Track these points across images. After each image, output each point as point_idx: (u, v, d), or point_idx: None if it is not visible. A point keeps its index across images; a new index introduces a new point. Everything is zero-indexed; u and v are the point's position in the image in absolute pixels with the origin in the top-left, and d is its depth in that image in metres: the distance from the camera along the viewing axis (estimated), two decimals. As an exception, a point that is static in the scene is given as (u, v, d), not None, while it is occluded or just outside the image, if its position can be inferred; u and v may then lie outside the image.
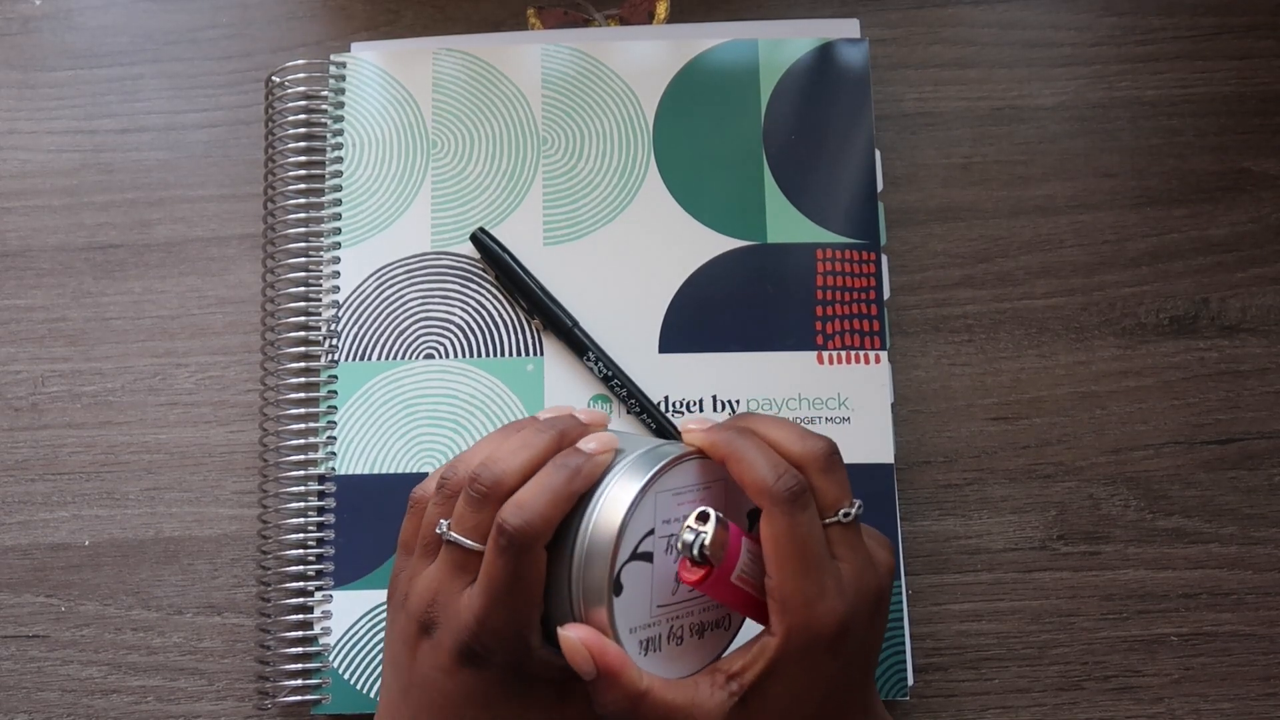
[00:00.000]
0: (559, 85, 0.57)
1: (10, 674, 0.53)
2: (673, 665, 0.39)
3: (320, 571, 0.52)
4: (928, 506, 0.54)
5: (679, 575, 0.37)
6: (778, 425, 0.40)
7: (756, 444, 0.38)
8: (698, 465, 0.39)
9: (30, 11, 0.61)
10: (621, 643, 0.37)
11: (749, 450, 0.38)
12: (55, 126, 0.60)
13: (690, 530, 0.36)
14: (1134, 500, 0.54)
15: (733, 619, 0.41)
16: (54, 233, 0.58)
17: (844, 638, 0.37)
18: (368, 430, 0.53)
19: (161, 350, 0.57)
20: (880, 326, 0.54)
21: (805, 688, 0.37)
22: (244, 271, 0.57)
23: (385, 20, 0.60)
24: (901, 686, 0.51)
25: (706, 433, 0.39)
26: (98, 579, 0.54)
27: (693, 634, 0.40)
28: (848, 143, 0.56)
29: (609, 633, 0.36)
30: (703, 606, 0.40)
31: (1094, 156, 0.58)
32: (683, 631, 0.39)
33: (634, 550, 0.37)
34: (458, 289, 0.55)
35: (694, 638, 0.40)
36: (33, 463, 0.56)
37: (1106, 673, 0.52)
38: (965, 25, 0.60)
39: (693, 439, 0.39)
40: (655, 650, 0.38)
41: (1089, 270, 0.56)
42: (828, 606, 0.37)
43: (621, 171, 0.56)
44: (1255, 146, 0.58)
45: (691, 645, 0.40)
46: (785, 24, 0.58)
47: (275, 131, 0.57)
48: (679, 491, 0.38)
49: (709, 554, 0.36)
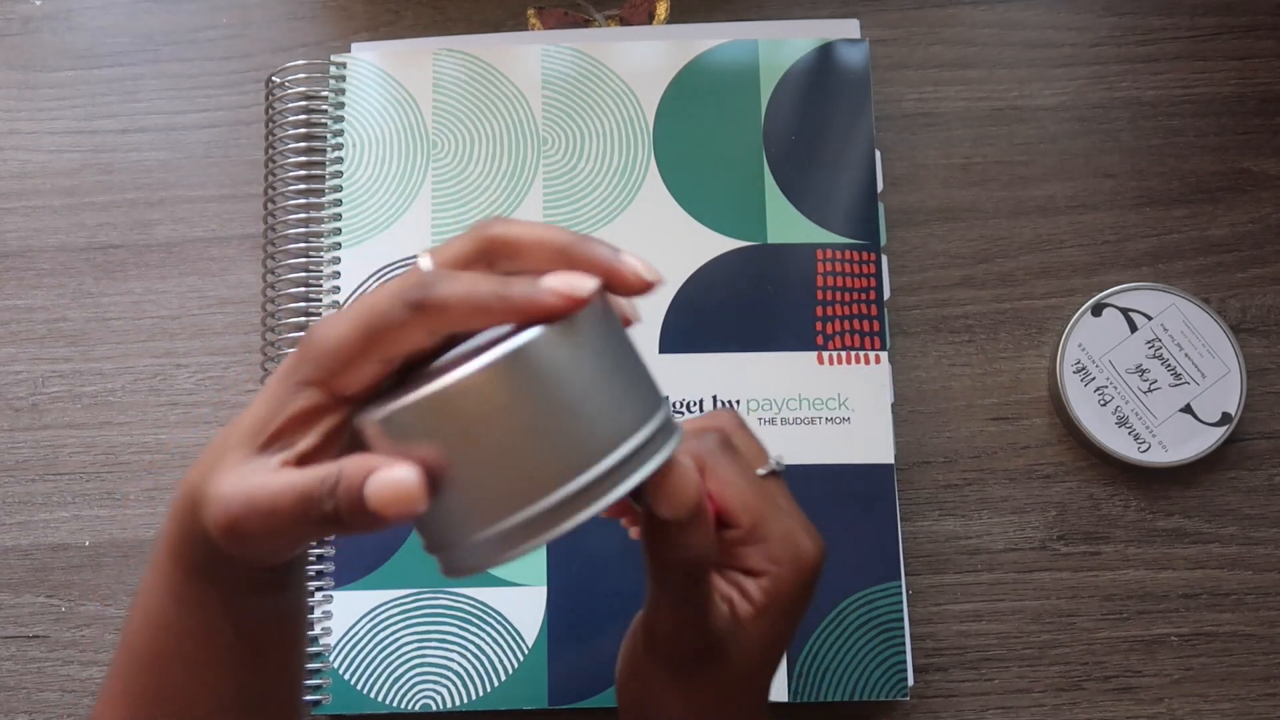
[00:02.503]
0: (559, 85, 0.57)
1: (11, 674, 0.53)
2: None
3: (320, 572, 0.52)
4: (928, 507, 0.54)
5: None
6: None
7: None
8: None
9: (30, 11, 0.61)
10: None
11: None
12: (55, 127, 0.60)
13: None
14: (1134, 500, 0.54)
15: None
16: (54, 233, 0.58)
17: (818, 573, 0.39)
18: (368, 430, 0.53)
19: (162, 350, 0.57)
20: (880, 327, 0.54)
21: (783, 629, 0.38)
22: (244, 272, 0.57)
23: (385, 21, 0.60)
24: (901, 686, 0.51)
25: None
26: (98, 579, 0.54)
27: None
28: (848, 143, 0.56)
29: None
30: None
31: (1094, 157, 0.58)
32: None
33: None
34: (458, 289, 0.55)
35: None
36: (33, 463, 0.56)
37: (1107, 673, 0.52)
38: (965, 25, 0.60)
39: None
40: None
41: (1089, 270, 0.56)
42: (810, 540, 0.38)
43: (621, 172, 0.56)
44: (1255, 146, 0.58)
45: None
46: (785, 24, 0.58)
47: (275, 132, 0.57)
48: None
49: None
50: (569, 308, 0.29)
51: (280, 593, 0.37)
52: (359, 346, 0.30)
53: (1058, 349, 0.54)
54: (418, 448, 0.30)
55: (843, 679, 0.51)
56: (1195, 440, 0.53)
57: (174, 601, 0.36)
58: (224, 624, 0.36)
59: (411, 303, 0.30)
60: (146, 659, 0.37)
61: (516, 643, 0.51)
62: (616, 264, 0.31)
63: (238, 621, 0.36)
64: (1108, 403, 0.54)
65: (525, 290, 0.29)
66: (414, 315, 0.30)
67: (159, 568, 0.36)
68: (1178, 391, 0.54)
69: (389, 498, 0.29)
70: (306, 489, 0.30)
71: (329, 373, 0.31)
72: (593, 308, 0.30)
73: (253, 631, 0.37)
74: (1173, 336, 0.54)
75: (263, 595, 0.36)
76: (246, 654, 0.37)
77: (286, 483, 0.30)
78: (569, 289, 0.29)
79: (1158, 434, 0.53)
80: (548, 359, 0.29)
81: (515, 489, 0.29)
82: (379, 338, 0.30)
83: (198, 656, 0.36)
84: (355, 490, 0.29)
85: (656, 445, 0.31)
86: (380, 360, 0.31)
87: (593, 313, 0.30)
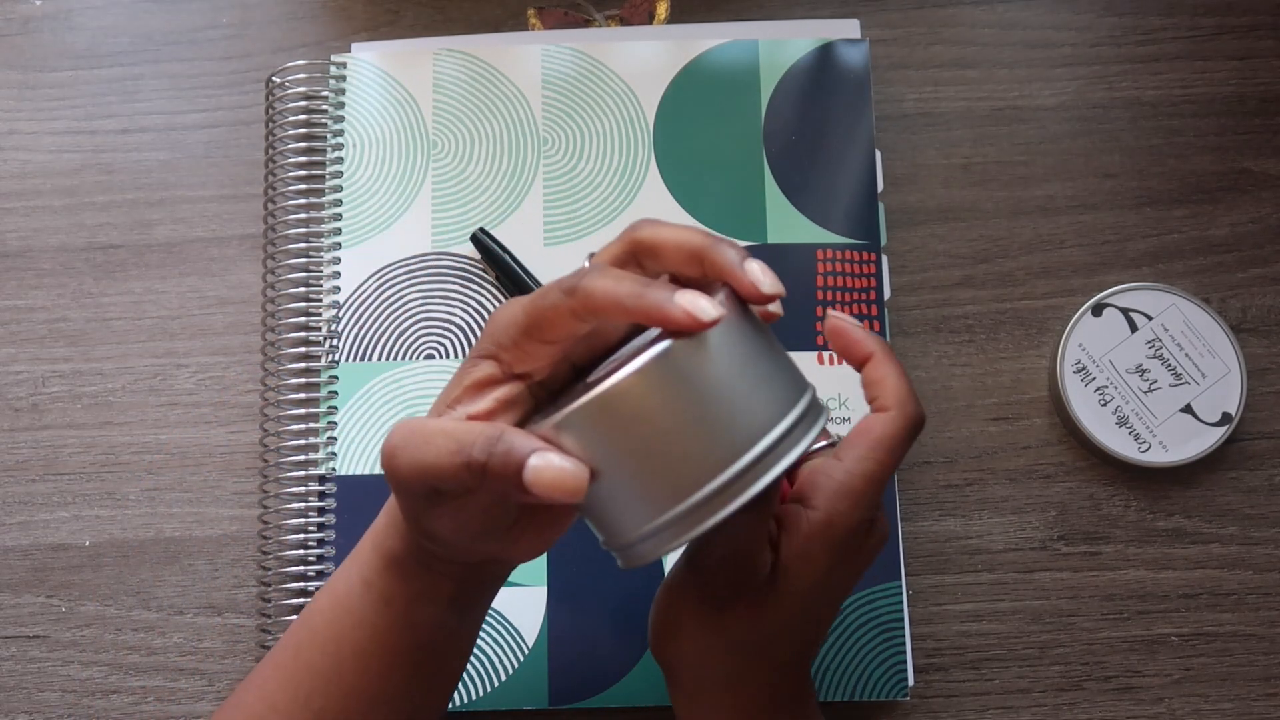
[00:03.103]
0: (559, 85, 0.57)
1: (11, 674, 0.53)
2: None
3: (320, 572, 0.52)
4: (928, 507, 0.54)
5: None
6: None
7: (903, 367, 0.40)
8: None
9: (30, 12, 0.61)
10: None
11: (899, 363, 0.39)
12: (55, 127, 0.60)
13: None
14: (1134, 500, 0.54)
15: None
16: (54, 233, 0.58)
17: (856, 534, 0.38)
18: (368, 431, 0.53)
19: (162, 350, 0.57)
20: (881, 327, 0.54)
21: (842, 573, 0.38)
22: (244, 272, 0.57)
23: (385, 21, 0.60)
24: (901, 686, 0.51)
25: (864, 332, 0.40)
26: (98, 579, 0.54)
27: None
28: (848, 143, 0.56)
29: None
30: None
31: (1094, 156, 0.58)
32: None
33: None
34: (458, 289, 0.55)
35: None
36: (33, 463, 0.56)
37: (1107, 673, 0.52)
38: (965, 25, 0.60)
39: (846, 330, 0.40)
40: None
41: (1089, 270, 0.56)
42: (852, 505, 0.38)
43: (622, 172, 0.56)
44: (1255, 146, 0.58)
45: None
46: (785, 24, 0.58)
47: (275, 132, 0.57)
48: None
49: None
50: (695, 328, 0.32)
51: (459, 614, 0.39)
52: (523, 326, 0.34)
53: (1058, 349, 0.54)
54: (581, 446, 0.33)
55: (843, 679, 0.51)
56: (1195, 440, 0.53)
57: (364, 588, 0.39)
58: (403, 624, 0.38)
59: (565, 288, 0.33)
60: (321, 638, 0.39)
61: (516, 643, 0.51)
62: (739, 273, 0.34)
63: (415, 625, 0.39)
64: (1108, 403, 0.54)
65: (659, 298, 0.32)
66: (565, 299, 0.33)
67: (359, 553, 0.39)
68: (1178, 391, 0.54)
69: (550, 479, 0.32)
70: (466, 433, 0.33)
71: (500, 347, 0.35)
72: (727, 311, 0.33)
73: (425, 642, 0.39)
74: (1173, 336, 0.54)
75: (444, 609, 0.39)
76: (414, 662, 0.39)
77: (449, 423, 0.34)
78: (696, 310, 0.32)
79: (1158, 434, 0.53)
80: (685, 364, 0.32)
81: (670, 484, 0.33)
82: (539, 319, 0.34)
83: (369, 648, 0.39)
84: (514, 456, 0.32)
85: (800, 433, 0.34)
86: (541, 340, 0.34)
87: (727, 316, 0.33)
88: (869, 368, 0.39)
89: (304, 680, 0.39)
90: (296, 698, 0.39)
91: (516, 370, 0.35)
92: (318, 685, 0.39)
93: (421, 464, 0.33)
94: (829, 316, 0.40)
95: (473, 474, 0.32)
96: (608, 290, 0.33)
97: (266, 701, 0.40)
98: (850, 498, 0.37)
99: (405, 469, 0.34)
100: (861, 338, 0.39)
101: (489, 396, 0.35)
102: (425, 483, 0.33)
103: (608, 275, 0.33)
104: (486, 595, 0.41)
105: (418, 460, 0.33)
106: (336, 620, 0.39)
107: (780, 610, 0.38)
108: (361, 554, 0.39)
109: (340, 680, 0.39)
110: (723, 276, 0.34)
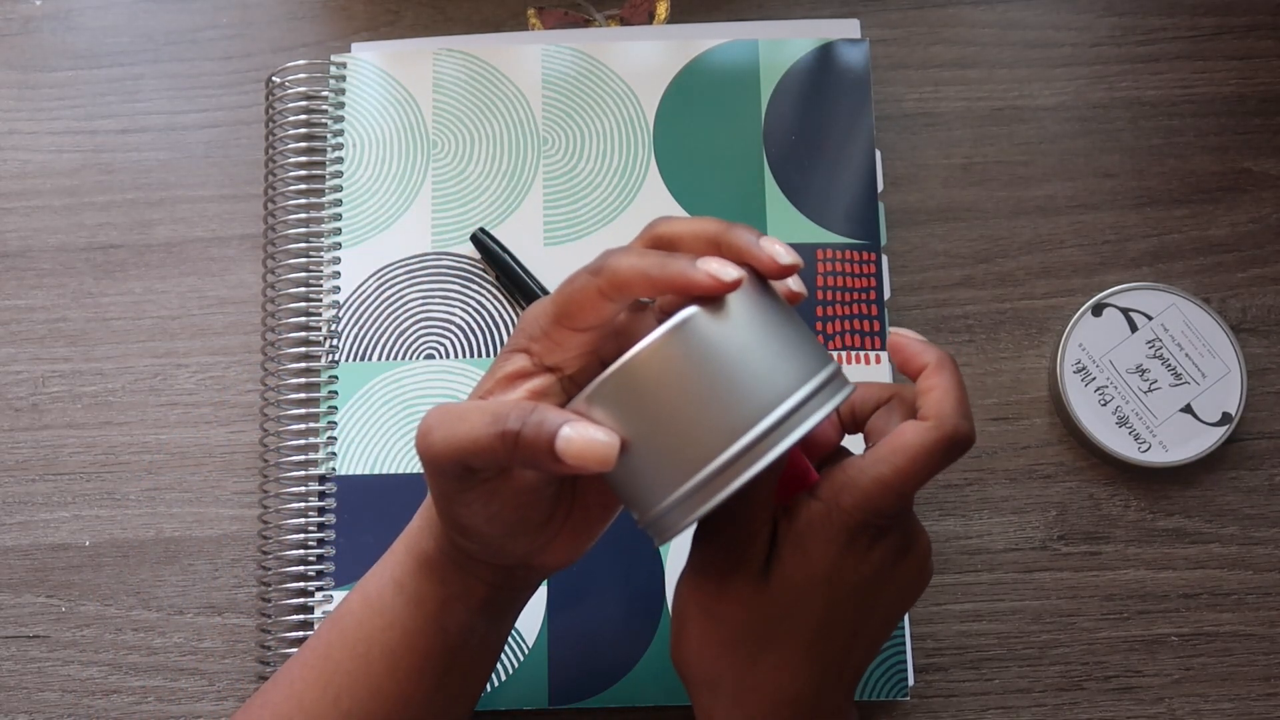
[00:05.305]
0: (559, 85, 0.57)
1: (11, 674, 0.53)
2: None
3: (320, 572, 0.52)
4: (928, 506, 0.54)
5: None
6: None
7: (960, 382, 0.39)
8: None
9: (30, 11, 0.61)
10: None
11: (957, 378, 0.38)
12: (55, 127, 0.60)
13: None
14: (1134, 500, 0.54)
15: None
16: (54, 233, 0.58)
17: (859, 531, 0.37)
18: (368, 431, 0.53)
19: (162, 350, 0.57)
20: (881, 327, 0.54)
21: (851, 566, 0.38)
22: (244, 272, 0.57)
23: (385, 21, 0.60)
24: (902, 686, 0.51)
25: (923, 345, 0.39)
26: (98, 579, 0.54)
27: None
28: (848, 143, 0.56)
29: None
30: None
31: (1094, 156, 0.58)
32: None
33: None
34: (458, 289, 0.55)
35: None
36: (33, 463, 0.56)
37: (1107, 673, 0.52)
38: (965, 25, 0.60)
39: (910, 345, 0.39)
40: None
41: (1089, 270, 0.56)
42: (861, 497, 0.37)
43: (622, 172, 0.56)
44: (1255, 146, 0.58)
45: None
46: (785, 24, 0.58)
47: (275, 132, 0.57)
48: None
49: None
50: (718, 288, 0.33)
51: (489, 620, 0.40)
52: (553, 314, 0.36)
53: (1058, 349, 0.54)
54: (611, 419, 0.34)
55: (843, 679, 0.51)
56: (1195, 440, 0.53)
57: (395, 589, 0.39)
58: (434, 627, 0.39)
59: (591, 269, 0.34)
60: (351, 638, 0.40)
61: (516, 643, 0.51)
62: (756, 250, 0.35)
63: (446, 628, 0.39)
64: (1108, 403, 0.54)
65: (683, 265, 0.33)
66: (593, 280, 0.34)
67: (393, 553, 0.40)
68: (1178, 391, 0.54)
69: (581, 447, 0.33)
70: (500, 407, 0.34)
71: (531, 339, 0.36)
72: (747, 286, 0.34)
73: (455, 646, 0.39)
74: (1173, 336, 0.54)
75: (475, 614, 0.39)
76: (444, 665, 0.39)
77: (484, 402, 0.35)
78: (719, 272, 0.33)
79: (1158, 434, 0.53)
80: (708, 329, 0.33)
81: (697, 448, 0.34)
82: (568, 305, 0.35)
83: (399, 649, 0.39)
84: (546, 425, 0.33)
85: (824, 398, 0.35)
86: (571, 327, 0.35)
87: (747, 290, 0.34)
88: (922, 377, 0.39)
89: (332, 680, 0.40)
90: (324, 697, 0.40)
91: (548, 362, 0.36)
92: (346, 685, 0.39)
93: (456, 438, 0.34)
94: (891, 334, 0.40)
95: (506, 445, 0.33)
96: (633, 264, 0.34)
97: (294, 700, 0.40)
98: (854, 495, 0.36)
99: (440, 444, 0.34)
100: (919, 350, 0.39)
101: (522, 388, 0.36)
102: (459, 460, 0.34)
103: (631, 252, 0.34)
104: (517, 603, 0.41)
105: (453, 435, 0.34)
106: (367, 621, 0.40)
107: (771, 601, 0.37)
108: (394, 555, 0.40)
109: (369, 681, 0.39)
110: (741, 256, 0.35)
